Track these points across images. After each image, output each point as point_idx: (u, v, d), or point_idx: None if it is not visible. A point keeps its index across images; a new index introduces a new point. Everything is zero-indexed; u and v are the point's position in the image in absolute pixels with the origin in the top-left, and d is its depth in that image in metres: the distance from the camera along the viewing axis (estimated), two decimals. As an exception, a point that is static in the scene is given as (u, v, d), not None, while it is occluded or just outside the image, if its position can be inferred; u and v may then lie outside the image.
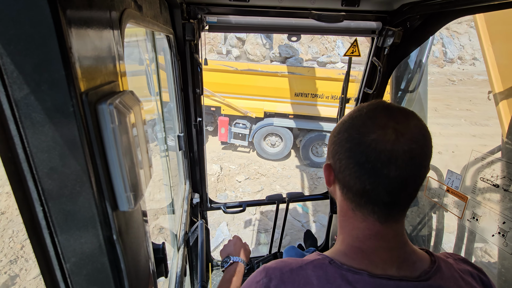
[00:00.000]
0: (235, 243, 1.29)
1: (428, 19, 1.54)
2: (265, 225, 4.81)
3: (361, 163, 0.54)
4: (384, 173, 0.53)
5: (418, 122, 0.56)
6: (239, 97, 7.06)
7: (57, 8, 0.30)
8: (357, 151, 0.55)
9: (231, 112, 7.24)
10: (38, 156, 0.34)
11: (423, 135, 0.54)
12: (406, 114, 0.56)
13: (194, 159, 1.94)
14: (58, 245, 0.39)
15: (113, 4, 0.48)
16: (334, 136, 0.62)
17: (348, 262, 0.58)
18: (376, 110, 0.57)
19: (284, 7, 1.58)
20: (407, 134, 0.53)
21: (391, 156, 0.52)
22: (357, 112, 0.59)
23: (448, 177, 1.77)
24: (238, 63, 7.08)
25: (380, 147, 0.52)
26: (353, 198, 0.59)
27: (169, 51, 1.45)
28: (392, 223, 0.58)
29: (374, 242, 0.58)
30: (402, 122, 0.54)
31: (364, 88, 1.97)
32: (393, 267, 0.57)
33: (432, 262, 0.60)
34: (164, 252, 0.76)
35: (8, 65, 0.30)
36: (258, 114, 7.16)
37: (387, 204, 0.56)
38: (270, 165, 7.18)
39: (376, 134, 0.53)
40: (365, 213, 0.58)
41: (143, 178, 0.48)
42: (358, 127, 0.56)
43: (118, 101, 0.40)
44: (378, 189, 0.54)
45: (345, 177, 0.58)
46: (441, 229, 2.29)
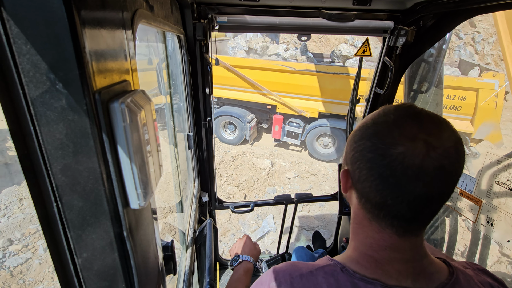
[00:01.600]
0: (244, 242, 1.30)
1: (442, 18, 1.51)
2: (311, 223, 4.83)
3: (385, 177, 0.50)
4: (410, 189, 0.48)
5: (451, 133, 0.50)
6: (295, 97, 7.12)
7: (71, 9, 0.31)
8: (381, 164, 0.50)
9: (286, 111, 7.31)
10: (52, 153, 0.35)
11: (456, 150, 0.49)
12: (438, 123, 0.50)
13: (203, 158, 1.95)
14: (70, 240, 0.40)
15: (125, 4, 0.49)
16: (355, 142, 0.56)
17: (361, 271, 0.56)
18: (405, 117, 0.51)
19: (294, 6, 1.57)
20: (439, 149, 0.47)
21: (419, 172, 0.47)
22: (383, 117, 0.54)
23: (461, 179, 1.73)
24: (295, 63, 7.10)
25: (408, 161, 0.47)
26: (371, 209, 0.55)
27: (180, 50, 1.46)
28: (411, 237, 0.55)
29: (389, 253, 0.55)
30: (434, 134, 0.48)
31: (375, 88, 1.94)
32: (408, 279, 0.54)
33: (450, 273, 0.57)
34: (173, 250, 0.77)
35: (25, 64, 0.31)
36: (313, 114, 7.10)
37: (408, 219, 0.52)
38: (321, 166, 7.11)
39: (404, 147, 0.48)
40: (383, 225, 0.55)
41: (153, 176, 0.49)
42: (383, 136, 0.51)
43: (129, 100, 0.41)
44: (401, 205, 0.50)
45: (364, 188, 0.54)
46: (454, 233, 2.24)
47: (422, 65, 2.31)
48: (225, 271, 2.45)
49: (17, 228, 4.33)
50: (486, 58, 11.55)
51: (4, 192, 5.03)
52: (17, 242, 4.10)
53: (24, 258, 3.86)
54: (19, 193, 5.05)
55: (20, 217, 4.56)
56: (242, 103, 7.72)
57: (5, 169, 5.69)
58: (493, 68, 7.59)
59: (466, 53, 10.28)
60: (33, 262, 3.84)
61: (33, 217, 4.56)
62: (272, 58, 8.69)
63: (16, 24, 0.30)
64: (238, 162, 6.71)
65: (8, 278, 3.56)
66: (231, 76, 7.24)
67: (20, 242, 4.11)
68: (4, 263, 3.73)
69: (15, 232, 4.26)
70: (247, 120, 7.55)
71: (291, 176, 6.47)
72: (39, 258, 3.92)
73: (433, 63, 2.30)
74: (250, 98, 7.48)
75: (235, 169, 6.44)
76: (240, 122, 7.59)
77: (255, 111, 8.01)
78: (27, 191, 3.62)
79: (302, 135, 7.42)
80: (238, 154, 7.01)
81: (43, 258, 3.90)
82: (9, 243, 4.04)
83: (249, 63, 7.23)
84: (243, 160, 6.82)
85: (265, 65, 7.03)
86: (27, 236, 4.23)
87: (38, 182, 0.37)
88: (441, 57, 2.29)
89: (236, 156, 6.93)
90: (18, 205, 4.83)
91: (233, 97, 7.60)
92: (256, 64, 7.15)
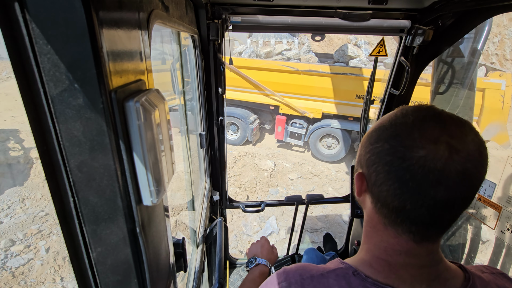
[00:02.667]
0: (262, 245, 1.27)
1: (461, 17, 1.46)
2: (314, 224, 4.81)
3: (404, 181, 0.48)
4: (431, 194, 0.46)
5: (475, 136, 0.48)
6: (298, 97, 7.11)
7: (90, 9, 0.32)
8: (400, 167, 0.48)
9: (289, 112, 7.32)
10: (70, 150, 0.36)
11: (480, 153, 0.47)
12: (461, 125, 0.48)
13: (215, 157, 1.96)
14: (86, 234, 0.41)
15: (141, 5, 0.50)
16: (371, 143, 0.54)
17: (374, 275, 0.55)
18: (426, 119, 0.49)
19: (308, 6, 1.55)
20: (462, 152, 0.45)
21: (441, 176, 0.45)
22: (401, 118, 0.51)
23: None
24: (298, 64, 7.09)
25: (430, 165, 0.45)
26: (387, 215, 0.53)
27: (193, 50, 1.48)
28: (428, 244, 0.53)
29: (404, 258, 0.54)
30: (457, 136, 0.47)
31: (390, 89, 1.90)
32: (422, 284, 0.53)
33: (466, 279, 0.56)
34: (184, 247, 0.78)
35: (46, 63, 0.32)
36: (316, 114, 7.10)
37: (427, 225, 0.50)
38: (324, 167, 7.06)
39: (425, 150, 0.46)
40: (399, 231, 0.53)
41: (166, 174, 0.50)
42: (403, 138, 0.49)
43: (144, 99, 0.42)
44: (421, 210, 0.48)
45: (381, 192, 0.52)
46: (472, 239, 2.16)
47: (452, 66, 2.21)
48: (234, 270, 2.46)
49: (19, 229, 4.31)
50: (491, 58, 11.02)
51: (6, 192, 5.06)
52: (19, 243, 4.06)
53: (26, 259, 3.82)
54: (22, 194, 5.05)
55: (23, 218, 4.53)
56: (245, 104, 7.72)
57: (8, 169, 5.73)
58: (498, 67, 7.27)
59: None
60: (35, 263, 3.81)
61: (35, 218, 4.54)
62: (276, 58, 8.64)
63: (38, 25, 0.31)
64: (240, 163, 6.72)
65: (10, 279, 3.53)
66: (234, 76, 7.26)
67: (22, 243, 4.08)
68: (6, 264, 3.71)
69: (17, 232, 4.23)
70: (249, 121, 7.56)
71: (294, 177, 6.44)
72: (41, 259, 3.88)
73: (466, 65, 2.18)
74: (252, 98, 7.47)
75: (237, 169, 6.45)
76: (242, 123, 7.61)
77: (258, 112, 8.00)
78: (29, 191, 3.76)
79: (305, 136, 7.37)
80: (240, 155, 7.03)
81: (45, 259, 3.87)
82: (11, 244, 4.01)
83: (252, 63, 7.22)
84: (245, 161, 6.82)
85: (268, 66, 7.00)
86: (29, 236, 4.19)
87: (56, 177, 0.38)
88: (476, 58, 2.16)
89: (238, 156, 6.95)
90: (21, 205, 4.82)
91: (236, 97, 7.60)
92: (259, 64, 7.13)
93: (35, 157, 6.03)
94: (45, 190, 5.24)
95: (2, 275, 3.57)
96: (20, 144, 6.51)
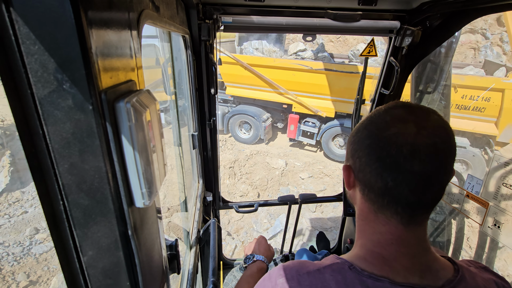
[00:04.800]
0: (259, 242, 1.30)
1: (449, 18, 1.49)
2: (324, 223, 4.83)
3: (382, 158, 0.53)
4: (407, 168, 0.51)
5: (438, 117, 0.54)
6: (311, 96, 7.05)
7: (79, 9, 0.31)
8: (377, 146, 0.54)
9: (302, 110, 7.26)
10: (59, 152, 0.36)
11: (445, 130, 0.53)
12: (425, 110, 0.55)
13: (207, 158, 1.96)
14: (76, 238, 0.40)
15: (131, 5, 0.50)
16: (353, 136, 0.61)
17: (369, 268, 0.56)
18: (395, 107, 0.57)
19: (299, 6, 1.56)
20: (428, 128, 0.51)
21: (414, 149, 0.50)
22: (376, 111, 0.59)
23: (468, 181, 1.70)
24: (312, 62, 7.03)
25: (401, 140, 0.51)
26: (375, 199, 0.57)
27: (185, 51, 1.47)
28: (415, 227, 0.56)
29: (396, 247, 0.56)
30: (422, 117, 0.53)
31: (381, 88, 1.93)
32: (415, 275, 0.55)
33: (456, 270, 0.58)
34: (177, 249, 0.77)
35: (33, 64, 0.32)
36: (329, 114, 7.03)
37: (411, 204, 0.54)
38: (336, 167, 7.01)
39: (396, 128, 0.52)
40: (388, 215, 0.56)
41: (158, 175, 0.49)
42: (378, 123, 0.56)
43: (135, 100, 0.41)
44: (401, 186, 0.52)
45: (365, 175, 0.56)
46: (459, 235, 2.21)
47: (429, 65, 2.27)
48: (228, 271, 2.45)
49: (43, 218, 4.47)
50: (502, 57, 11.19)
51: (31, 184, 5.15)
52: (42, 231, 4.31)
53: (49, 246, 4.05)
54: None
55: None
56: (258, 102, 7.69)
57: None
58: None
59: (493, 54, 9.59)
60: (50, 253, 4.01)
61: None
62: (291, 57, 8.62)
63: (25, 25, 0.30)
64: (252, 161, 6.72)
65: (34, 265, 3.75)
66: (248, 74, 7.20)
67: (46, 231, 4.27)
68: (31, 250, 3.95)
69: (41, 221, 4.45)
70: (262, 119, 7.52)
71: (304, 176, 6.45)
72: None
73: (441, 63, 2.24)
74: (266, 97, 7.43)
75: (249, 168, 6.46)
76: (255, 121, 7.57)
77: (271, 110, 7.96)
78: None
79: (317, 135, 7.35)
80: (252, 153, 7.01)
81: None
82: (35, 232, 4.26)
83: (266, 62, 7.17)
84: (257, 159, 6.82)
85: (282, 64, 6.96)
86: None
87: (45, 180, 0.37)
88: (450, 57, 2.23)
89: (250, 155, 6.94)
90: None
91: (249, 95, 7.57)
92: (273, 63, 7.08)
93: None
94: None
95: (28, 260, 3.80)
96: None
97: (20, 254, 3.86)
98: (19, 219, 4.48)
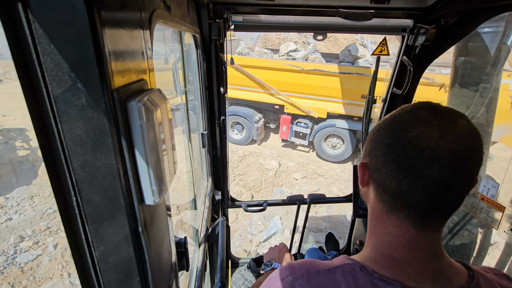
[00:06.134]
0: (280, 250, 1.28)
1: (465, 16, 1.45)
2: (319, 224, 4.81)
3: (400, 160, 0.50)
4: (425, 173, 0.48)
5: (467, 123, 0.50)
6: (303, 97, 7.09)
7: (92, 9, 0.32)
8: (396, 147, 0.51)
9: (294, 111, 7.31)
10: (72, 149, 0.37)
11: (472, 137, 0.49)
12: (454, 113, 0.51)
13: (216, 156, 1.97)
14: (88, 233, 0.41)
15: (143, 5, 0.50)
16: (373, 133, 0.58)
17: (380, 271, 0.55)
18: (421, 108, 0.54)
19: (310, 5, 1.55)
20: (453, 133, 0.48)
21: (435, 154, 0.47)
22: (400, 110, 0.56)
23: (483, 184, 1.66)
24: (304, 63, 7.09)
25: (423, 144, 0.48)
26: (388, 200, 0.55)
27: (195, 50, 1.48)
28: (428, 232, 0.54)
29: (408, 251, 0.54)
30: (449, 121, 0.50)
31: (393, 88, 1.90)
32: (427, 280, 0.53)
33: (470, 277, 0.56)
34: (186, 246, 0.78)
35: (48, 63, 0.33)
36: (321, 114, 7.08)
37: (425, 209, 0.51)
38: (329, 167, 7.04)
39: (419, 130, 0.49)
40: (400, 217, 0.54)
41: (167, 173, 0.50)
42: (400, 123, 0.53)
43: (146, 99, 0.42)
44: (417, 191, 0.50)
45: (380, 175, 0.54)
46: (474, 240, 2.15)
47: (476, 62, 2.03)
48: (236, 269, 2.46)
49: (28, 225, 4.35)
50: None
51: (16, 190, 5.07)
52: (28, 239, 4.10)
53: (35, 254, 3.87)
54: (30, 191, 5.07)
55: (31, 214, 4.55)
56: (250, 103, 7.70)
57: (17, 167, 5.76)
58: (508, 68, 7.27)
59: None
60: (43, 259, 3.84)
61: (43, 215, 4.59)
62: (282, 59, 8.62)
63: (41, 25, 0.31)
64: (245, 162, 6.70)
65: (19, 274, 3.57)
66: (239, 75, 7.23)
67: (31, 239, 4.11)
68: (16, 260, 3.75)
69: (26, 229, 4.27)
70: (254, 120, 7.54)
71: (298, 177, 6.43)
72: (49, 255, 3.91)
73: (492, 62, 1.97)
74: (258, 98, 7.44)
75: (242, 169, 6.44)
76: (247, 122, 7.59)
77: (263, 111, 7.98)
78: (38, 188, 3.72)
79: (310, 135, 7.37)
80: (245, 154, 6.99)
81: (53, 255, 3.91)
82: (20, 240, 4.06)
83: (257, 62, 7.20)
84: (250, 160, 6.80)
85: (273, 65, 6.98)
86: (38, 233, 4.22)
87: (59, 176, 0.38)
88: (502, 58, 1.97)
89: (243, 156, 6.92)
90: (30, 202, 4.85)
91: (241, 96, 7.58)
92: (265, 63, 7.11)
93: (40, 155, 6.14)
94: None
95: (12, 270, 3.61)
96: (27, 143, 6.56)
97: (3, 263, 3.64)
98: (3, 227, 4.27)
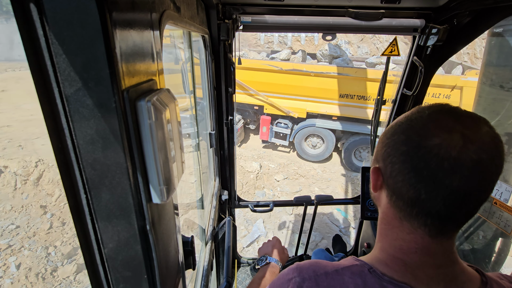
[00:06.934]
0: (273, 244, 1.28)
1: (478, 16, 1.42)
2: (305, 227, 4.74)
3: (419, 170, 0.48)
4: (445, 183, 0.46)
5: (489, 129, 0.48)
6: (282, 97, 7.08)
7: (104, 10, 0.32)
8: (415, 156, 0.49)
9: (273, 112, 7.29)
10: (84, 148, 0.37)
11: (495, 145, 0.47)
12: (476, 119, 0.49)
13: (224, 156, 1.97)
14: (98, 231, 0.42)
15: (153, 6, 0.51)
16: (387, 138, 0.55)
17: (389, 273, 0.54)
18: (441, 112, 0.51)
19: (319, 5, 1.54)
20: (477, 142, 0.46)
21: (456, 165, 0.45)
22: (416, 113, 0.53)
23: (496, 188, 1.62)
24: (283, 63, 7.07)
25: (444, 153, 0.46)
26: (403, 207, 0.53)
27: (204, 50, 1.49)
28: (443, 239, 0.52)
29: (420, 256, 0.53)
30: (471, 128, 0.47)
31: (403, 89, 1.87)
32: (439, 286, 0.52)
33: (483, 283, 0.55)
34: (193, 245, 0.79)
35: (61, 63, 0.33)
36: (301, 114, 7.08)
37: (443, 218, 0.50)
38: (310, 167, 7.07)
39: (440, 138, 0.47)
40: (415, 225, 0.52)
41: (175, 172, 0.50)
42: (418, 129, 0.50)
43: (155, 99, 0.42)
44: (436, 200, 0.48)
45: (396, 183, 0.52)
46: (486, 244, 2.10)
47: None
48: (242, 269, 2.47)
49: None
50: (462, 57, 11.14)
51: None
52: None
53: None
54: None
55: None
56: None
57: None
58: (470, 65, 7.44)
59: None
60: (4, 281, 3.48)
61: (4, 231, 4.08)
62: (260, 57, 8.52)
63: (54, 26, 0.32)
64: None
65: None
66: None
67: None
68: None
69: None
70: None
71: (280, 178, 6.38)
72: (11, 277, 3.51)
73: None
74: (236, 98, 7.37)
75: None
76: None
77: (242, 112, 7.90)
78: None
79: (290, 135, 7.34)
80: None
81: (16, 277, 3.50)
82: None
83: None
84: None
85: (251, 65, 6.93)
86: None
87: (71, 174, 0.39)
88: None
89: None
90: None
91: None
92: (242, 64, 7.12)
93: (3, 165, 5.43)
94: (15, 201, 4.80)
95: None
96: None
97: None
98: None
